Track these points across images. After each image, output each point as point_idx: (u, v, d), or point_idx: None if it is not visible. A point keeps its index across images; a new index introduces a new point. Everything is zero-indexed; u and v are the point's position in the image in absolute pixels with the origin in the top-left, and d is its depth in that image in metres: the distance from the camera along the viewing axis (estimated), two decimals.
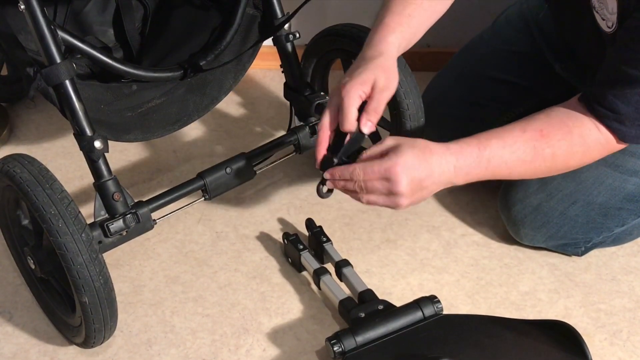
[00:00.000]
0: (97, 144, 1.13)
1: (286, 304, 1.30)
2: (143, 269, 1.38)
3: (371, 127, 1.07)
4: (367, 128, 1.06)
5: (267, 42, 1.40)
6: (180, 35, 1.46)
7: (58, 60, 1.11)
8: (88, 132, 1.14)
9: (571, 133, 1.08)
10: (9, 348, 1.23)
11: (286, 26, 1.37)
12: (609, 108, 1.06)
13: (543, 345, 1.13)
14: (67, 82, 1.12)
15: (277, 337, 1.24)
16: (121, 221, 1.15)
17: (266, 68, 1.91)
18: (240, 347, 1.23)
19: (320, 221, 1.42)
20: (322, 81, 1.55)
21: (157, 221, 1.21)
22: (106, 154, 1.15)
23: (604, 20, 1.11)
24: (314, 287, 1.33)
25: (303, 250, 1.33)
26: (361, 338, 1.13)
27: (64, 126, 1.71)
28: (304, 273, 1.36)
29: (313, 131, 1.38)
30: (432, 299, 1.17)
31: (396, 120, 1.39)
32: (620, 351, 1.22)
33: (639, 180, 1.28)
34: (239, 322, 1.27)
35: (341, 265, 1.30)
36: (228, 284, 1.35)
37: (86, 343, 1.18)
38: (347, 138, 1.08)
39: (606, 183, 1.29)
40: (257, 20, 1.39)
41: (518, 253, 1.40)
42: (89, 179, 1.18)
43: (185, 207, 1.28)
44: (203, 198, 1.28)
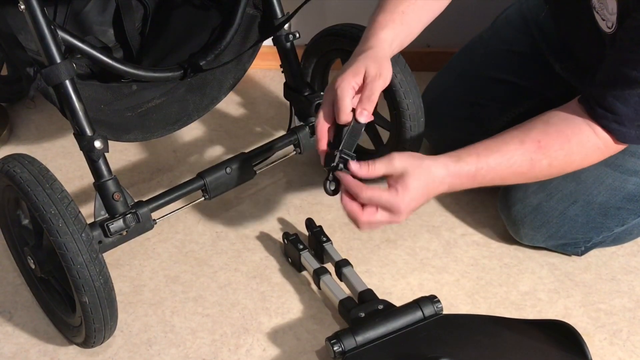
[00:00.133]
0: (97, 144, 1.14)
1: (286, 304, 1.30)
2: (143, 269, 1.38)
3: (367, 116, 1.07)
4: (364, 117, 1.07)
5: (267, 42, 1.40)
6: (180, 35, 1.46)
7: (58, 60, 1.11)
8: (88, 132, 1.14)
9: (569, 142, 1.08)
10: (9, 348, 1.23)
11: (286, 26, 1.37)
12: (609, 109, 1.06)
13: (543, 345, 1.12)
14: (67, 82, 1.12)
15: (277, 337, 1.24)
16: (121, 221, 1.15)
17: (266, 68, 1.91)
18: (240, 347, 1.23)
19: (320, 221, 1.42)
20: (322, 81, 1.55)
21: (157, 221, 1.21)
22: (106, 154, 1.15)
23: (604, 20, 1.11)
24: (314, 287, 1.33)
25: (303, 250, 1.33)
26: (361, 338, 1.13)
27: (64, 126, 1.71)
28: (304, 273, 1.36)
29: (313, 131, 1.37)
30: (432, 299, 1.17)
31: (396, 120, 1.39)
32: (620, 351, 1.22)
33: (639, 180, 1.28)
34: (239, 322, 1.27)
35: (341, 265, 1.30)
36: (228, 284, 1.35)
37: (86, 343, 1.18)
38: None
39: (606, 183, 1.29)
40: (257, 20, 1.39)
41: (518, 253, 1.40)
42: (89, 179, 1.18)
43: (185, 207, 1.29)
44: (203, 198, 1.28)
